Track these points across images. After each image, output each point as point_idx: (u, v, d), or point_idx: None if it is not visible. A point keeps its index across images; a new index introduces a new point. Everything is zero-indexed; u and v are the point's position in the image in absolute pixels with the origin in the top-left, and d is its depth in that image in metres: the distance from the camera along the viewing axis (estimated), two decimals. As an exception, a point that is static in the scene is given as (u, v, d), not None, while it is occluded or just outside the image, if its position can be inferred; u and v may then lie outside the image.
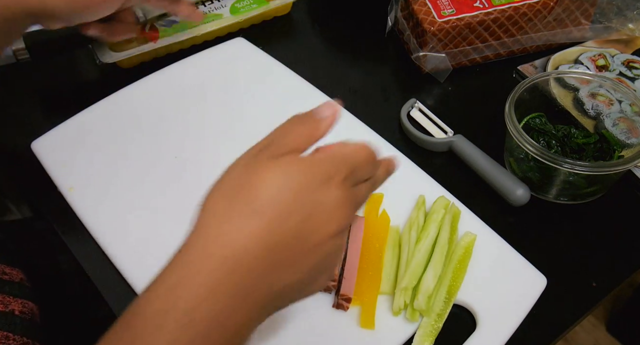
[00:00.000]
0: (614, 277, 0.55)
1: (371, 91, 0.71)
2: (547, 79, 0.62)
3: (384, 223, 0.55)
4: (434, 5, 0.69)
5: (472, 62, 0.73)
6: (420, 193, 0.57)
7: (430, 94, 0.71)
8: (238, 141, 0.63)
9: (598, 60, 0.72)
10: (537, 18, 0.70)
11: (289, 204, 0.33)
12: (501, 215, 0.59)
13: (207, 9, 0.76)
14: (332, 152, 0.37)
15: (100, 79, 0.73)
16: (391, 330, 0.49)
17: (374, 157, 0.39)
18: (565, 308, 0.53)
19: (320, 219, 0.34)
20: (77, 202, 0.57)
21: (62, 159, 0.61)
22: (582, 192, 0.58)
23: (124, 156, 0.61)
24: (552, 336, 0.51)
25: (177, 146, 0.62)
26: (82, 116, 0.65)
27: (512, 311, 0.50)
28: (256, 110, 0.66)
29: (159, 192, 0.58)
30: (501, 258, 0.54)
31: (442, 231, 0.53)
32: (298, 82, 0.69)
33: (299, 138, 0.37)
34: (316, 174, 0.34)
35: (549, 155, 0.54)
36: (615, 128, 0.61)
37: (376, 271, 0.52)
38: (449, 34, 0.68)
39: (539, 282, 0.52)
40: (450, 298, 0.50)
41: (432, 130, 0.66)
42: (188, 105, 0.66)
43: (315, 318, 0.49)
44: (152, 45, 0.71)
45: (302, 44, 0.78)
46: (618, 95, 0.63)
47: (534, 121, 0.61)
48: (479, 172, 0.60)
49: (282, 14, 0.80)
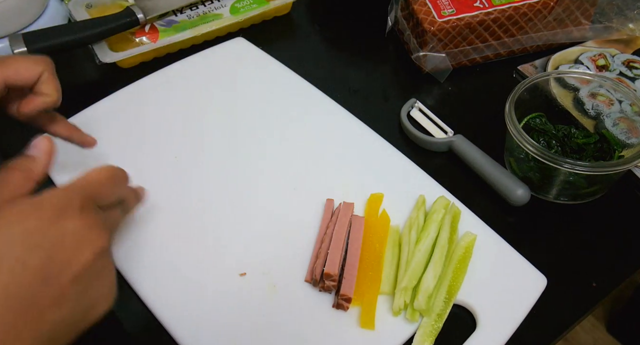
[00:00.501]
0: (614, 277, 0.55)
1: (371, 91, 0.71)
2: (547, 79, 0.62)
3: (384, 223, 0.55)
4: (434, 5, 0.69)
5: (472, 62, 0.73)
6: (420, 193, 0.57)
7: (430, 94, 0.71)
8: (238, 141, 0.63)
9: (598, 60, 0.72)
10: (537, 18, 0.70)
11: (21, 253, 0.32)
12: (501, 215, 0.59)
13: (207, 9, 0.76)
14: (65, 185, 0.36)
15: (100, 79, 0.73)
16: (391, 330, 0.49)
17: (115, 178, 0.39)
18: (565, 308, 0.53)
19: (67, 253, 0.33)
20: (77, 202, 0.57)
21: (62, 159, 0.61)
22: (582, 192, 0.58)
23: (124, 156, 0.61)
24: (552, 336, 0.51)
25: (177, 146, 0.62)
26: (82, 116, 0.65)
27: (512, 311, 0.50)
28: (256, 110, 0.66)
29: (159, 192, 0.58)
30: (501, 258, 0.54)
31: (442, 231, 0.53)
32: (298, 82, 0.69)
33: (14, 185, 0.37)
34: (43, 211, 0.34)
35: (549, 155, 0.54)
36: (615, 128, 0.61)
37: (376, 271, 0.52)
38: (449, 34, 0.68)
39: (539, 282, 0.52)
40: (450, 298, 0.50)
41: (432, 130, 0.66)
42: (188, 105, 0.66)
43: (315, 318, 0.49)
44: (152, 45, 0.71)
45: (302, 44, 0.78)
46: (618, 95, 0.63)
47: (534, 121, 0.61)
48: (479, 172, 0.60)
49: (282, 14, 0.80)
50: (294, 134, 0.63)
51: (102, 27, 0.68)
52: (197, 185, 0.59)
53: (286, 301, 0.50)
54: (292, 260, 0.53)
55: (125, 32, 0.71)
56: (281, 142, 0.62)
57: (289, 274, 0.52)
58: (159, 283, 0.51)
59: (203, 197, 0.58)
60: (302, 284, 0.51)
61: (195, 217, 0.56)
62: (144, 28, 0.72)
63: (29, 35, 0.66)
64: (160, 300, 0.50)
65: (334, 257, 0.51)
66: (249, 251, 0.54)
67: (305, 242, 0.54)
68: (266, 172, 0.60)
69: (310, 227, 0.55)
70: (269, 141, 0.63)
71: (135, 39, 0.71)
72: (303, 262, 0.53)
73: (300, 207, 0.57)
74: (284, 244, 0.54)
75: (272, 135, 0.63)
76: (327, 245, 0.52)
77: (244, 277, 0.52)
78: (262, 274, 0.52)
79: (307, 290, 0.51)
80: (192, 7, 0.76)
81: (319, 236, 0.54)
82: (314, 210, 0.56)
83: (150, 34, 0.72)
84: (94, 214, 0.36)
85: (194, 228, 0.55)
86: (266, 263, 0.53)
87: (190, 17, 0.75)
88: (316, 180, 0.59)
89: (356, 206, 0.56)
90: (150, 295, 0.51)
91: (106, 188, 0.38)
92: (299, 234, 0.55)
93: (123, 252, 0.53)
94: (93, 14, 0.73)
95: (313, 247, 0.54)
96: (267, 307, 0.50)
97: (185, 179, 0.59)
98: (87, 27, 0.68)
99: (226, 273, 0.52)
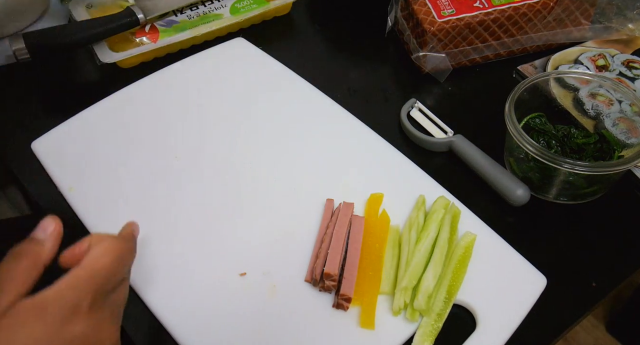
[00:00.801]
0: (614, 277, 0.55)
1: (371, 91, 0.71)
2: (547, 79, 0.62)
3: (384, 223, 0.55)
4: (434, 5, 0.69)
5: (472, 62, 0.73)
6: (420, 193, 0.57)
7: (430, 94, 0.71)
8: (238, 141, 0.63)
9: (598, 60, 0.72)
10: (537, 18, 0.70)
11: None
12: (501, 215, 0.59)
13: (207, 9, 0.76)
14: (70, 279, 0.34)
15: (100, 79, 0.73)
16: (391, 330, 0.49)
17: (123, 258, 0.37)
18: (565, 308, 0.53)
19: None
20: (77, 202, 0.57)
21: (62, 159, 0.61)
22: (582, 192, 0.58)
23: (124, 156, 0.61)
24: (552, 336, 0.51)
25: (177, 146, 0.62)
26: (82, 116, 0.65)
27: (512, 311, 0.50)
28: (256, 110, 0.66)
29: (159, 192, 0.58)
30: (501, 258, 0.54)
31: (442, 231, 0.53)
32: (298, 82, 0.69)
33: (21, 277, 0.34)
34: (49, 315, 0.31)
35: (549, 155, 0.54)
36: (615, 128, 0.61)
37: (376, 271, 0.52)
38: (449, 34, 0.68)
39: (539, 282, 0.52)
40: (450, 298, 0.50)
41: (432, 130, 0.66)
42: (188, 105, 0.66)
43: (315, 318, 0.49)
44: (152, 45, 0.71)
45: (302, 44, 0.78)
46: (618, 95, 0.63)
47: (534, 121, 0.61)
48: (479, 172, 0.60)
49: (282, 14, 0.80)
50: (294, 134, 0.63)
51: (102, 27, 0.68)
52: (197, 185, 0.59)
53: (286, 301, 0.50)
54: (292, 260, 0.53)
55: (125, 32, 0.71)
56: (281, 142, 0.62)
57: (289, 274, 0.52)
58: (159, 283, 0.51)
59: (203, 197, 0.58)
60: (302, 284, 0.51)
61: (195, 217, 0.56)
62: (144, 28, 0.72)
63: (29, 35, 0.66)
64: (160, 300, 0.50)
65: (334, 257, 0.51)
66: (249, 251, 0.54)
67: (305, 242, 0.54)
68: (266, 172, 0.60)
69: (310, 227, 0.55)
70: (269, 141, 0.63)
71: (135, 39, 0.71)
72: (303, 262, 0.53)
73: (300, 207, 0.57)
74: (284, 244, 0.54)
75: (272, 135, 0.63)
76: (327, 245, 0.52)
77: (244, 277, 0.52)
78: (262, 274, 0.52)
79: (307, 290, 0.51)
80: (192, 7, 0.76)
81: (319, 236, 0.54)
82: (314, 210, 0.56)
83: (151, 34, 0.72)
84: (102, 309, 0.34)
85: (193, 228, 0.55)
86: (266, 263, 0.53)
87: (191, 17, 0.75)
88: (316, 180, 0.59)
89: (356, 206, 0.56)
90: (150, 295, 0.51)
91: (115, 273, 0.36)
92: (299, 234, 0.55)
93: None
94: (93, 14, 0.73)
95: (313, 247, 0.54)
96: (267, 307, 0.50)
97: (185, 178, 0.59)
98: (87, 27, 0.68)
99: (226, 273, 0.52)
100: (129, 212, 0.56)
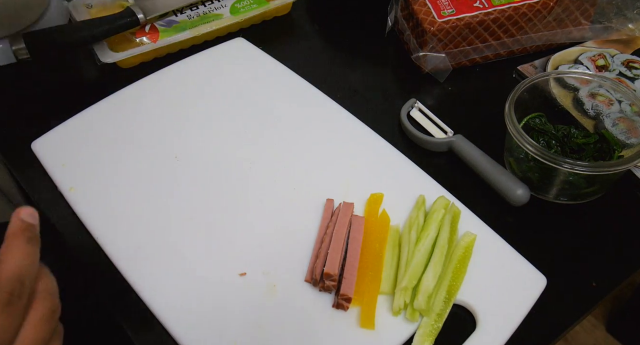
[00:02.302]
0: (614, 277, 0.55)
1: (371, 91, 0.71)
2: (547, 79, 0.62)
3: (384, 223, 0.55)
4: (434, 5, 0.69)
5: (472, 62, 0.73)
6: (420, 193, 0.57)
7: (430, 94, 0.71)
8: (238, 141, 0.63)
9: (598, 60, 0.72)
10: (537, 18, 0.70)
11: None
12: (501, 215, 0.59)
13: (207, 9, 0.76)
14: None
15: (100, 79, 0.73)
16: (391, 330, 0.49)
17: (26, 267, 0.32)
18: (565, 308, 0.53)
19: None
20: (77, 202, 0.57)
21: (62, 159, 0.61)
22: (582, 192, 0.58)
23: (124, 156, 0.61)
24: (552, 336, 0.51)
25: (178, 146, 0.62)
26: (82, 116, 0.65)
27: (512, 311, 0.50)
28: (256, 110, 0.66)
29: (159, 192, 0.58)
30: (501, 258, 0.54)
31: (442, 231, 0.53)
32: (298, 82, 0.69)
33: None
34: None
35: (549, 155, 0.54)
36: (615, 128, 0.61)
37: (376, 271, 0.52)
38: (449, 34, 0.68)
39: (539, 282, 0.52)
40: (450, 298, 0.50)
41: (432, 130, 0.66)
42: (188, 105, 0.66)
43: (315, 318, 0.49)
44: (152, 45, 0.71)
45: (302, 44, 0.78)
46: (618, 95, 0.63)
47: (534, 121, 0.61)
48: (479, 172, 0.60)
49: (282, 14, 0.80)
50: (294, 134, 0.63)
51: (102, 27, 0.68)
52: (197, 185, 0.59)
53: (286, 301, 0.50)
54: (292, 260, 0.53)
55: (125, 32, 0.71)
56: (281, 142, 0.62)
57: (289, 274, 0.52)
58: (159, 283, 0.51)
59: (203, 197, 0.58)
60: (302, 284, 0.51)
61: (195, 217, 0.56)
62: (144, 28, 0.72)
63: (29, 35, 0.66)
64: (160, 300, 0.50)
65: (333, 257, 0.51)
66: (249, 251, 0.54)
67: (305, 242, 0.54)
68: (266, 172, 0.60)
69: (310, 227, 0.55)
70: (269, 141, 0.63)
71: (135, 39, 0.71)
72: (303, 262, 0.53)
73: (300, 207, 0.57)
74: (284, 244, 0.54)
75: (272, 135, 0.63)
76: (327, 245, 0.52)
77: (244, 277, 0.52)
78: (262, 274, 0.52)
79: (307, 290, 0.51)
80: (192, 7, 0.76)
81: (319, 236, 0.54)
82: (314, 210, 0.56)
83: (151, 34, 0.72)
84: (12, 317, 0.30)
85: (193, 228, 0.55)
86: (266, 263, 0.53)
87: (191, 17, 0.75)
88: (316, 180, 0.59)
89: (356, 206, 0.56)
90: (150, 295, 0.51)
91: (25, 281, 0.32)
92: (299, 234, 0.55)
93: (123, 252, 0.53)
94: (93, 14, 0.73)
95: (313, 247, 0.54)
96: (267, 307, 0.50)
97: (185, 178, 0.59)
98: (87, 27, 0.68)
99: (226, 273, 0.52)
100: (128, 212, 0.56)
